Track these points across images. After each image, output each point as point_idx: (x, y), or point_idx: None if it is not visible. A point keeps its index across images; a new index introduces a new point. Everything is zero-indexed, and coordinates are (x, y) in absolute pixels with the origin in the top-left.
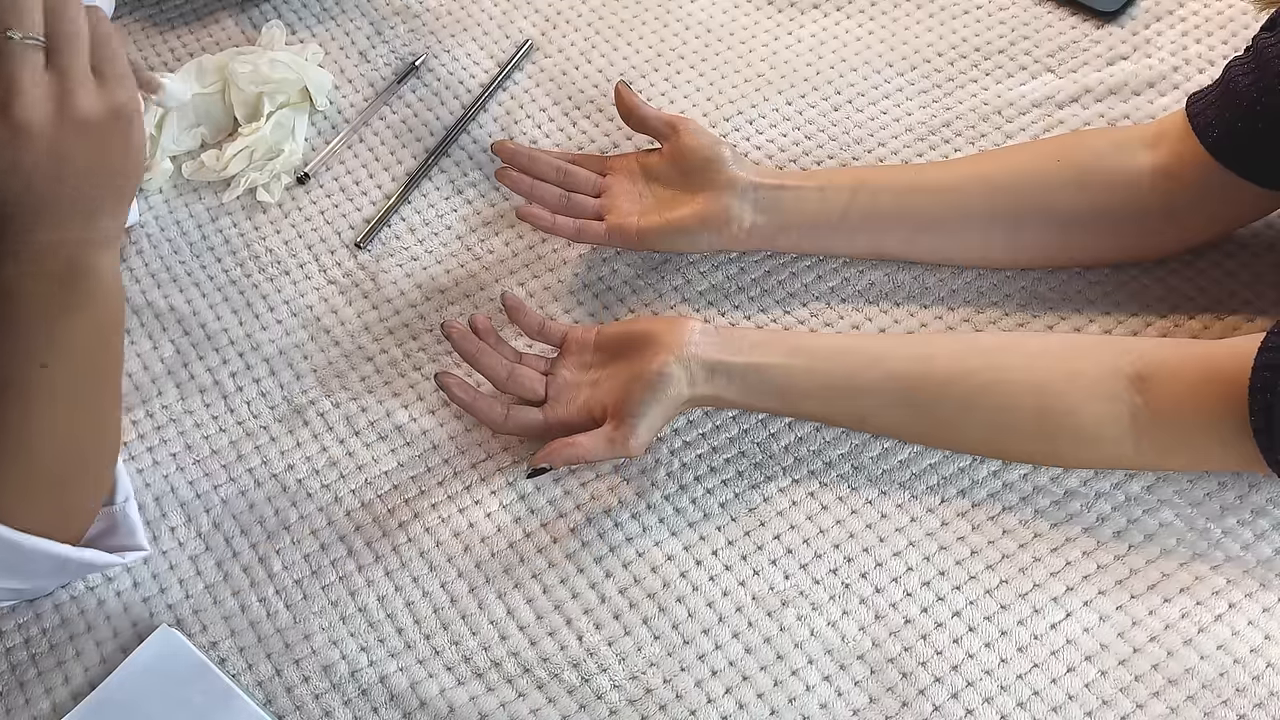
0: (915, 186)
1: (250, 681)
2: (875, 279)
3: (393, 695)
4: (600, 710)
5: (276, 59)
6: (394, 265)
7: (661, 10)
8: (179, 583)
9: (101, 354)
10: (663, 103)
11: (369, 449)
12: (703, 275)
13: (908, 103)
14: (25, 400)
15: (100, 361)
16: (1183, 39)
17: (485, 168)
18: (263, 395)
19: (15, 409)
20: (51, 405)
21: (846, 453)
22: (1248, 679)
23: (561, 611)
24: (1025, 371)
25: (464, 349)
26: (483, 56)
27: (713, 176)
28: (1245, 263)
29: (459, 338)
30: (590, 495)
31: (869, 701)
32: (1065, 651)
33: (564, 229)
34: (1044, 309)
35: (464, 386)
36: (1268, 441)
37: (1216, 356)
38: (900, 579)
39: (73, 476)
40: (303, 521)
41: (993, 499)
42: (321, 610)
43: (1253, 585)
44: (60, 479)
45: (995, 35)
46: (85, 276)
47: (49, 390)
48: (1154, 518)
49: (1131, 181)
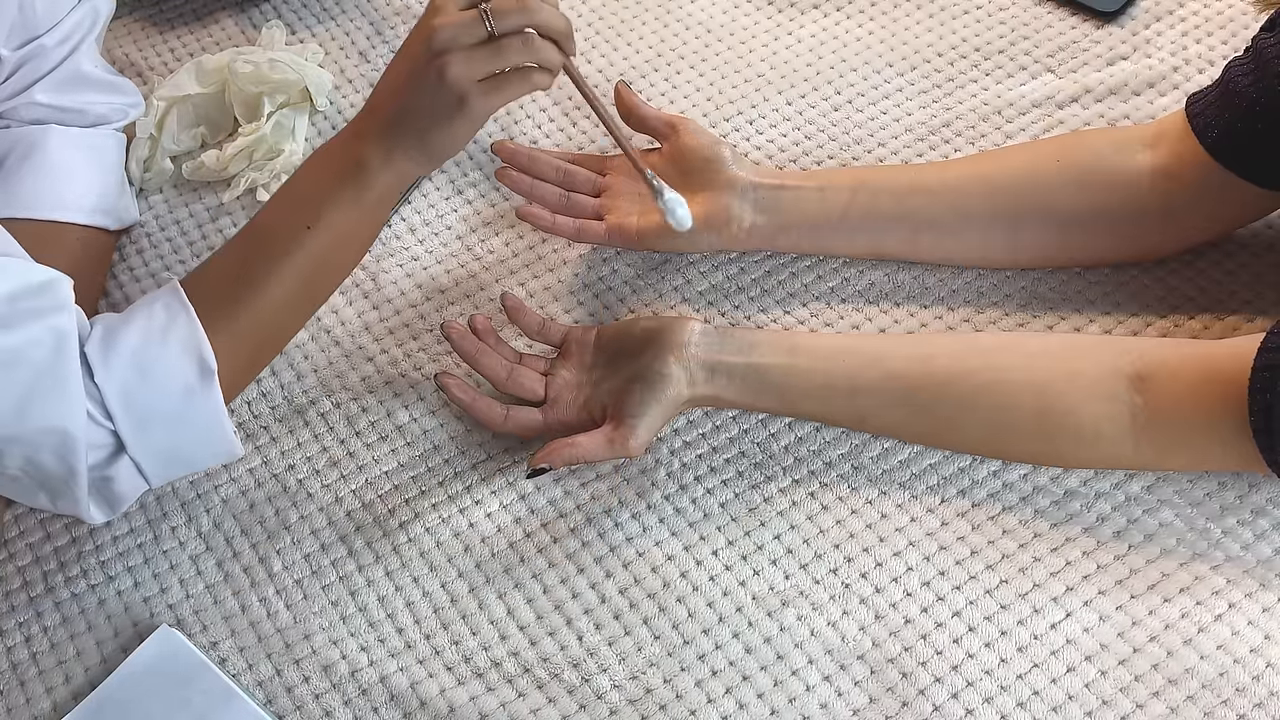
0: (915, 187)
1: (250, 681)
2: (875, 279)
3: (393, 695)
4: (600, 710)
5: (276, 59)
6: (394, 265)
7: (661, 10)
8: (179, 582)
9: (349, 245)
10: (663, 103)
11: (369, 449)
12: (703, 275)
13: (908, 103)
14: (285, 248)
15: (345, 250)
16: (1183, 39)
17: (485, 168)
18: (263, 395)
19: (275, 252)
20: (300, 260)
21: (846, 453)
22: (1248, 679)
23: (562, 611)
24: (1025, 371)
25: (464, 349)
26: None
27: (713, 176)
28: (1245, 263)
29: (459, 338)
30: (590, 495)
31: (869, 701)
32: (1065, 651)
33: (564, 229)
34: (1044, 309)
35: (464, 387)
36: (1267, 441)
37: (1216, 356)
38: (900, 579)
39: (264, 347)
40: (303, 521)
41: (993, 499)
42: (322, 610)
43: (1253, 585)
44: (260, 344)
45: (995, 35)
46: (360, 174)
47: (305, 248)
48: (1154, 518)
49: (1131, 181)
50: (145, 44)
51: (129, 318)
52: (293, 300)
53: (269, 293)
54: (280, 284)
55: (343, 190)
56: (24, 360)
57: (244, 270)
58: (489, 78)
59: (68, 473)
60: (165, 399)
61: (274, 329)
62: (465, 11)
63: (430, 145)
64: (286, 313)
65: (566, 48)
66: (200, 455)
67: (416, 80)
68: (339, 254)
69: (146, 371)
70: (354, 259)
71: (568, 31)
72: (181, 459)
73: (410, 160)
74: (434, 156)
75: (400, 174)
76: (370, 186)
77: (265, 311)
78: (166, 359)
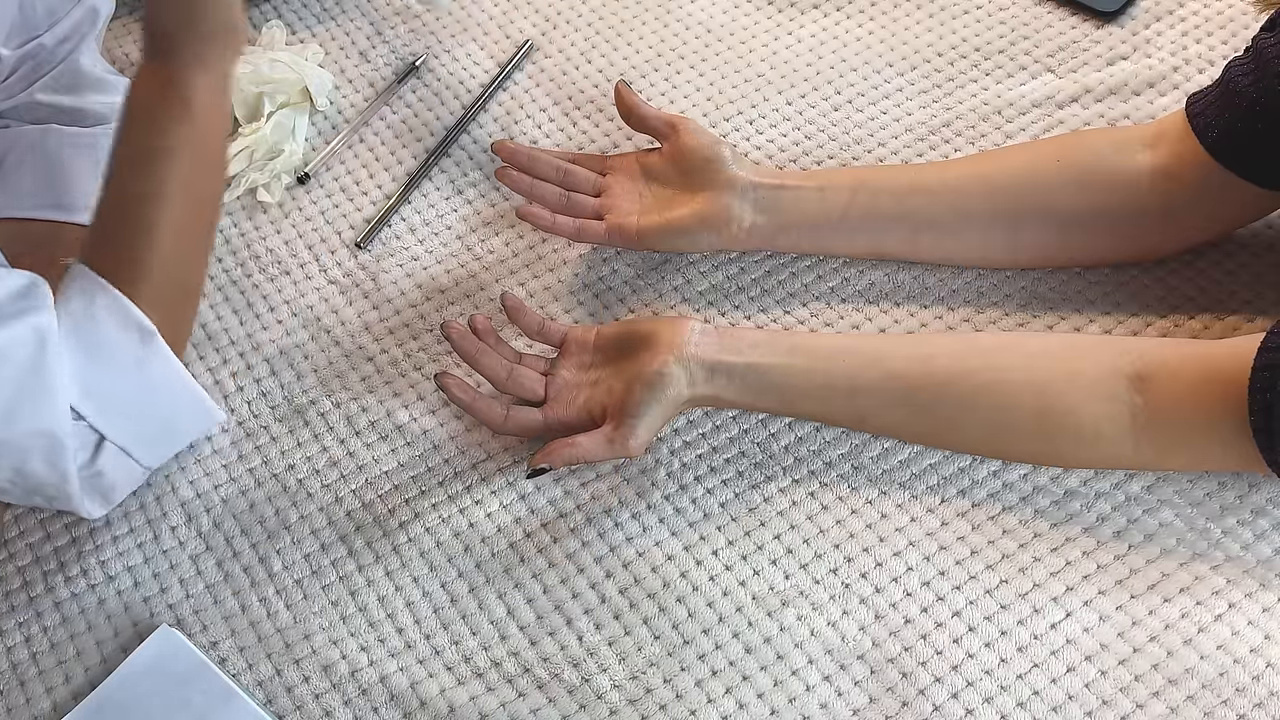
0: (915, 187)
1: (250, 681)
2: (875, 279)
3: (393, 695)
4: (600, 710)
5: (276, 59)
6: (394, 265)
7: (661, 10)
8: (179, 582)
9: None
10: (663, 103)
11: (369, 449)
12: (703, 275)
13: (908, 103)
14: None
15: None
16: (1183, 39)
17: (485, 168)
18: (263, 395)
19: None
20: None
21: (846, 453)
22: (1248, 679)
23: (562, 611)
24: (1025, 371)
25: (464, 349)
26: (483, 56)
27: (712, 176)
28: (1245, 263)
29: (459, 338)
30: (590, 495)
31: (869, 701)
32: (1065, 651)
33: (564, 228)
34: (1044, 309)
35: (464, 387)
36: (1267, 441)
37: (1216, 356)
38: (900, 579)
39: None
40: (303, 521)
41: (993, 499)
42: (322, 610)
43: (1253, 585)
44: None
45: (995, 35)
46: (181, 93)
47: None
48: (1154, 518)
49: (1131, 181)
50: None
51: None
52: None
53: (165, 230)
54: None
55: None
56: (8, 359)
57: (129, 224)
58: None
59: (60, 478)
60: (120, 373)
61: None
62: None
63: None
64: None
65: None
66: (179, 423)
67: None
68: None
69: (91, 353)
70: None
71: None
72: (162, 432)
73: (203, 45)
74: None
75: (211, 75)
76: (192, 102)
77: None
78: (104, 336)
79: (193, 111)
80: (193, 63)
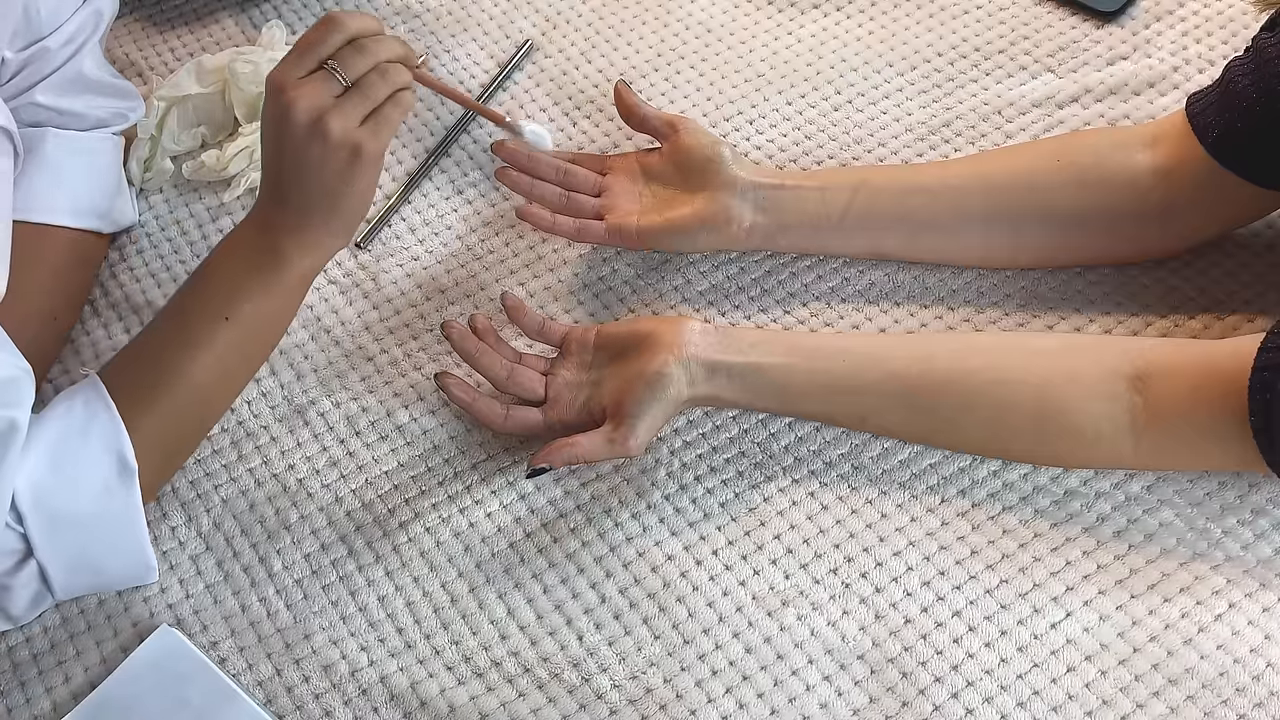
0: (915, 186)
1: (250, 681)
2: (875, 279)
3: (393, 695)
4: (600, 710)
5: (276, 59)
6: (394, 265)
7: (661, 10)
8: (179, 582)
9: (268, 332)
10: (663, 103)
11: (369, 449)
12: (703, 275)
13: (908, 103)
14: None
15: (264, 337)
16: (1183, 39)
17: (485, 168)
18: (263, 395)
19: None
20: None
21: (846, 453)
22: (1248, 679)
23: (562, 611)
24: (1025, 371)
25: (464, 349)
26: (483, 56)
27: (712, 176)
28: (1245, 263)
29: (459, 338)
30: (590, 495)
31: (869, 701)
32: (1065, 651)
33: (564, 229)
34: (1044, 309)
35: (464, 387)
36: (1267, 441)
37: (1216, 356)
38: (900, 579)
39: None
40: (303, 521)
41: (993, 499)
42: (322, 610)
43: (1253, 585)
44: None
45: (995, 35)
46: (278, 265)
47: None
48: (1154, 518)
49: (1131, 181)
50: (145, 44)
51: (47, 414)
52: (213, 391)
53: (189, 385)
54: (200, 376)
55: (260, 283)
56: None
57: (162, 364)
58: (369, 123)
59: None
60: (81, 498)
61: (194, 422)
62: (314, 74)
63: (342, 210)
64: (207, 404)
65: (411, 62)
66: (112, 565)
67: (303, 154)
68: (258, 342)
69: (62, 468)
70: (274, 342)
71: (406, 50)
72: (91, 566)
73: (328, 234)
74: (349, 220)
75: (321, 254)
76: (287, 276)
77: (185, 405)
78: (85, 456)
79: (279, 287)
80: (306, 236)
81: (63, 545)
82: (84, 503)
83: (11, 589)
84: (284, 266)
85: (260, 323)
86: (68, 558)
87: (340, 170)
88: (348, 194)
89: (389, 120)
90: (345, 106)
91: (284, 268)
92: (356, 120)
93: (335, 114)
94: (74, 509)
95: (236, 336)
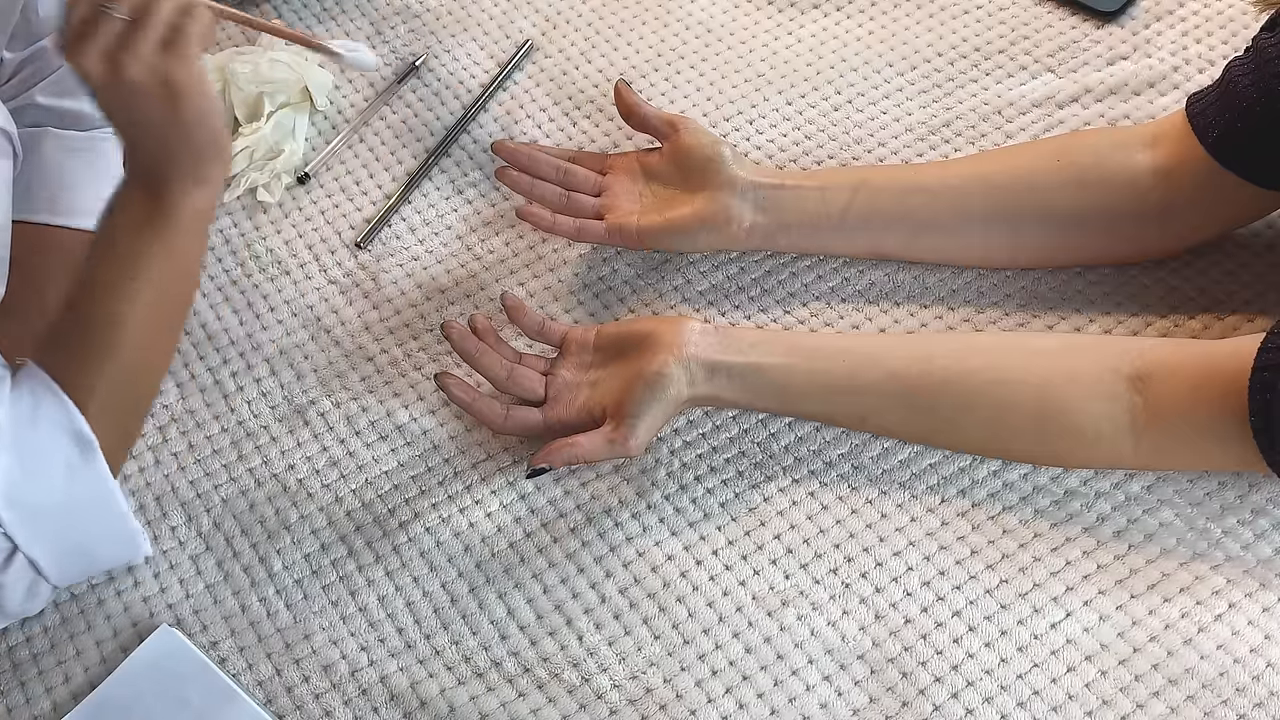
0: (915, 186)
1: (250, 681)
2: (875, 279)
3: (393, 695)
4: (600, 710)
5: (276, 59)
6: (394, 265)
7: (661, 10)
8: (179, 582)
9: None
10: (663, 103)
11: (369, 449)
12: (703, 275)
13: (908, 103)
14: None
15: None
16: (1183, 39)
17: (485, 168)
18: (263, 395)
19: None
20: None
21: (846, 453)
22: (1248, 679)
23: (562, 611)
24: (1025, 371)
25: (464, 349)
26: (483, 56)
27: (712, 176)
28: (1245, 263)
29: (459, 338)
30: (590, 495)
31: (869, 701)
32: (1065, 651)
33: (564, 228)
34: (1044, 309)
35: (464, 387)
36: (1267, 441)
37: (1216, 356)
38: (900, 579)
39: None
40: (303, 521)
41: (993, 499)
42: (322, 610)
43: (1253, 585)
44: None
45: (995, 35)
46: (165, 212)
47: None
48: (1154, 518)
49: (1131, 181)
50: None
51: None
52: (148, 350)
53: (122, 352)
54: (129, 339)
55: (154, 235)
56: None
57: (88, 334)
58: (169, 52)
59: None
60: (49, 483)
61: (139, 383)
62: (88, 23)
63: (196, 140)
64: (146, 363)
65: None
66: (99, 546)
67: (125, 107)
68: (175, 289)
69: (24, 458)
70: (193, 284)
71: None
72: (77, 548)
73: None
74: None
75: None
76: (178, 220)
77: (125, 369)
78: (41, 441)
79: (173, 225)
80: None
81: (45, 535)
82: (53, 488)
83: (4, 586)
84: (172, 212)
85: (170, 272)
86: (53, 546)
87: (166, 110)
88: (189, 125)
89: (187, 37)
90: (132, 44)
91: (172, 213)
92: (152, 51)
93: (126, 56)
94: (46, 498)
95: (152, 294)
